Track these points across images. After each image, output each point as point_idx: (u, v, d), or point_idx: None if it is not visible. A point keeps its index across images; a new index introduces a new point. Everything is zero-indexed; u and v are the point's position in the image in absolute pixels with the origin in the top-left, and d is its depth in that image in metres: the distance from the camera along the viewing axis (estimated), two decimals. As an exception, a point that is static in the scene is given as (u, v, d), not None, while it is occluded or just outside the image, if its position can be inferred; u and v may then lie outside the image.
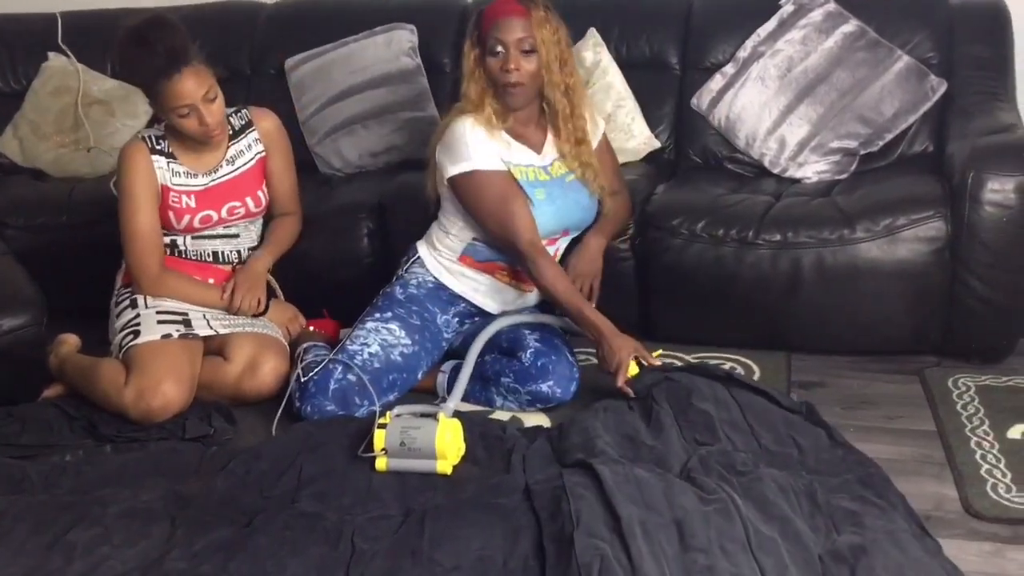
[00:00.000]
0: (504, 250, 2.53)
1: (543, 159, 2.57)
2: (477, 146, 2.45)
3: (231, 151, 2.63)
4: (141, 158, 2.52)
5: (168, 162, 2.54)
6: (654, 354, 2.42)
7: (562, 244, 2.65)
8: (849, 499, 1.95)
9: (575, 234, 2.66)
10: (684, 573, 1.70)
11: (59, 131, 3.53)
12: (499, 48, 2.41)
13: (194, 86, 2.40)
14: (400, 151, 3.33)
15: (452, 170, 2.47)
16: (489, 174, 2.46)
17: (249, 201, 2.65)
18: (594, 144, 2.63)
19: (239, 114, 2.67)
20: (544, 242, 2.53)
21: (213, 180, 2.60)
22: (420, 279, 2.60)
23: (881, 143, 3.02)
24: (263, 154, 2.68)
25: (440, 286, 2.60)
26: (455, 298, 2.61)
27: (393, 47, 3.40)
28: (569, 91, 2.51)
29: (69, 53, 3.60)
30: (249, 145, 2.66)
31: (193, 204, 2.57)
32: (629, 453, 2.10)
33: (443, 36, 3.46)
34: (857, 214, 2.65)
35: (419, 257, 2.62)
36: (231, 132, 2.63)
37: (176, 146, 2.55)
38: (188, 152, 2.57)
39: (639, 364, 2.38)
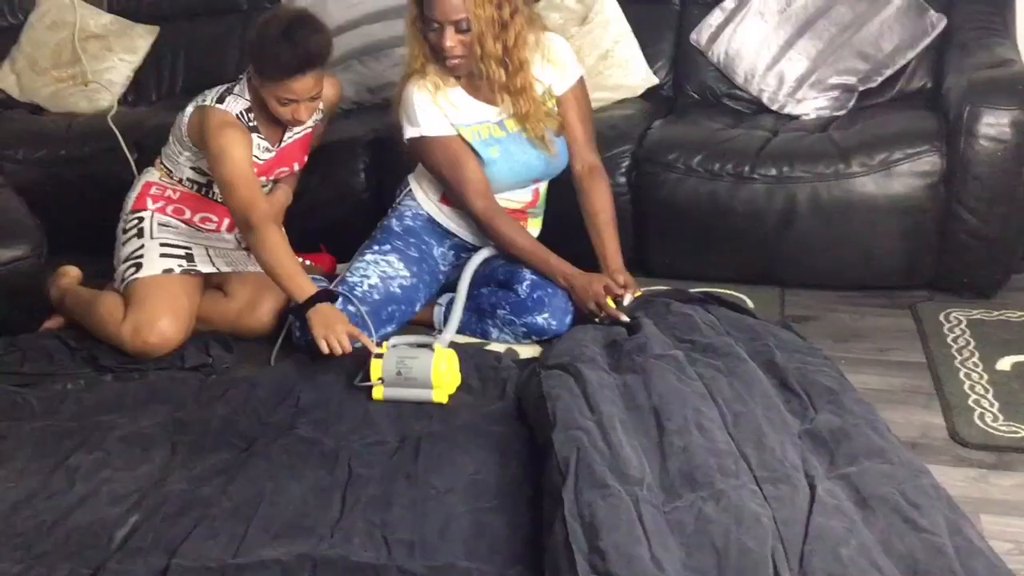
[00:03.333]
0: (463, 209, 2.53)
1: (499, 114, 2.51)
2: (423, 112, 2.44)
3: None
4: (245, 140, 2.44)
5: (256, 138, 2.53)
6: (635, 294, 2.46)
7: (540, 188, 2.62)
8: (827, 378, 2.01)
9: (548, 179, 2.62)
10: (661, 457, 1.75)
11: (56, 66, 3.52)
12: (435, 25, 2.34)
13: (309, 88, 2.39)
14: (396, 87, 3.31)
15: (405, 134, 2.48)
16: (437, 140, 2.45)
17: (296, 165, 2.68)
18: (562, 90, 2.53)
19: None
20: (512, 192, 2.54)
21: (277, 150, 2.61)
22: (414, 211, 2.62)
23: (880, 79, 3.01)
24: (320, 120, 2.69)
25: (434, 220, 2.61)
26: (449, 231, 2.62)
27: (390, -19, 3.37)
28: (508, 56, 2.38)
29: (65, -13, 3.59)
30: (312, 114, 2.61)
31: (255, 171, 2.56)
32: (613, 354, 2.16)
33: (441, -30, 3.42)
34: (853, 149, 2.66)
35: (411, 190, 2.64)
36: None
37: (259, 118, 2.53)
38: (267, 124, 2.55)
39: (613, 301, 2.41)
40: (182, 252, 2.57)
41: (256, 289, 2.56)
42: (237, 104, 2.49)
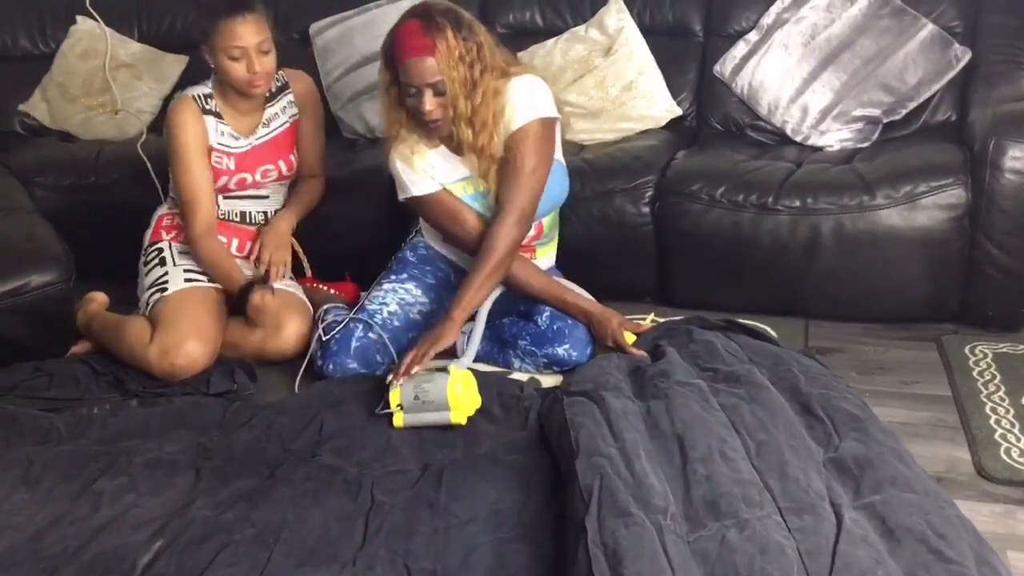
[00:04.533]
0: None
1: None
2: (407, 176, 2.45)
3: (267, 114, 2.66)
4: (192, 116, 2.55)
5: (216, 123, 2.58)
6: (647, 319, 2.47)
7: (543, 221, 2.59)
8: (851, 405, 2.00)
9: (547, 216, 2.60)
10: (685, 486, 1.75)
11: (87, 94, 3.56)
12: (412, 90, 2.33)
13: (252, 32, 2.45)
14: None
15: (400, 195, 2.51)
16: (427, 199, 2.47)
17: (282, 164, 2.69)
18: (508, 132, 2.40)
19: (274, 76, 2.69)
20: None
21: (251, 144, 2.63)
22: (427, 244, 2.64)
23: (904, 111, 3.01)
24: (296, 116, 2.71)
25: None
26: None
27: (416, 13, 3.40)
28: (474, 115, 2.34)
29: (97, 17, 3.63)
30: (284, 108, 2.69)
31: (232, 166, 2.60)
32: (637, 381, 2.17)
33: (466, 3, 3.39)
34: (877, 181, 2.65)
35: (419, 227, 2.67)
36: (267, 94, 2.66)
37: (223, 106, 2.59)
38: (233, 113, 2.60)
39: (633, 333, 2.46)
40: (205, 278, 2.61)
41: (280, 310, 2.58)
42: (197, 89, 2.59)
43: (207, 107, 2.57)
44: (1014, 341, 2.60)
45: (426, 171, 2.45)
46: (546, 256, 2.67)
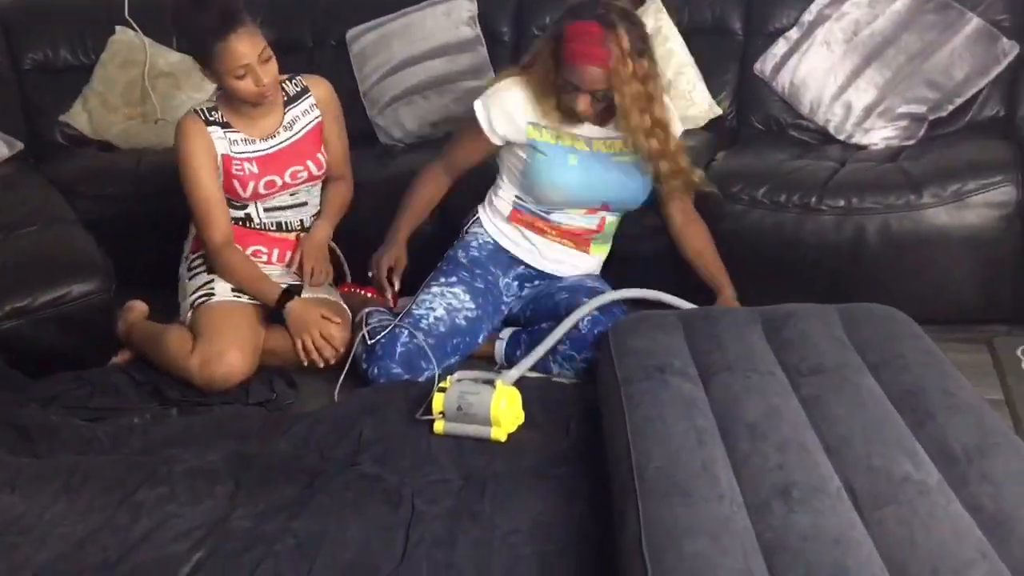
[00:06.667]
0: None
1: (593, 131, 2.52)
2: (502, 109, 2.48)
3: (288, 116, 2.65)
4: (196, 130, 2.54)
5: (224, 131, 2.57)
6: None
7: (608, 217, 2.62)
8: (967, 394, 1.86)
9: (617, 212, 2.63)
10: (755, 472, 1.63)
11: (127, 104, 3.59)
12: (572, 87, 2.37)
13: (249, 46, 2.41)
14: (459, 121, 3.33)
15: (475, 104, 2.53)
16: (477, 129, 2.51)
17: (311, 164, 2.67)
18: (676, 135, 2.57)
19: (293, 81, 2.69)
20: (581, 211, 2.56)
21: (273, 146, 2.62)
22: (480, 240, 2.63)
23: (951, 108, 2.94)
24: (320, 119, 2.70)
25: (499, 248, 2.61)
26: (515, 260, 2.62)
27: (453, 17, 3.40)
28: (657, 125, 2.42)
29: (136, 27, 3.66)
30: (305, 111, 2.68)
31: (256, 169, 2.59)
32: (707, 367, 2.02)
33: (503, 5, 3.45)
34: (924, 179, 2.60)
35: (478, 218, 2.65)
36: (286, 98, 2.65)
37: (230, 114, 2.58)
38: (243, 119, 2.59)
39: None
40: (246, 296, 2.61)
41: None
42: (200, 105, 2.59)
43: (211, 118, 2.56)
44: (1068, 342, 2.53)
45: (531, 117, 2.48)
46: (599, 254, 2.68)
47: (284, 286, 2.60)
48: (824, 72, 3.08)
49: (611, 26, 2.30)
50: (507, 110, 2.49)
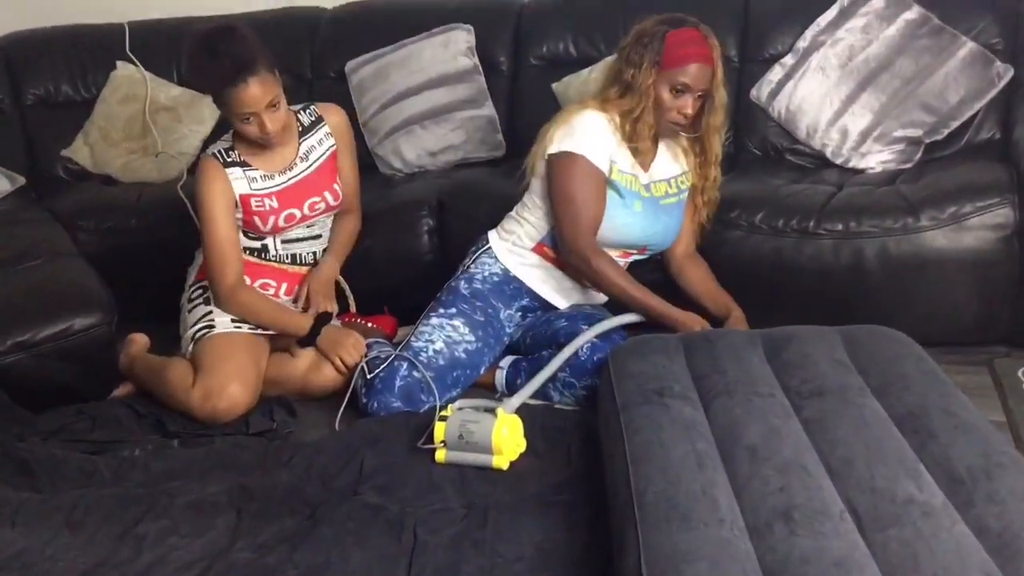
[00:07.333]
0: (560, 243, 2.53)
1: (647, 177, 2.57)
2: (592, 135, 2.47)
3: (303, 147, 2.66)
4: (215, 173, 2.54)
5: (244, 171, 2.56)
6: None
7: (637, 258, 2.65)
8: (969, 415, 1.83)
9: (650, 254, 2.66)
10: (756, 496, 1.62)
11: (128, 137, 3.61)
12: (682, 89, 2.43)
13: (259, 95, 2.41)
14: (458, 150, 3.36)
15: (558, 146, 2.48)
16: (587, 163, 2.46)
17: (328, 195, 2.68)
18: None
19: (307, 111, 2.70)
20: (619, 252, 2.57)
21: (291, 178, 2.62)
22: (486, 272, 2.62)
23: (946, 131, 2.96)
24: (334, 147, 2.71)
25: (506, 279, 2.61)
26: (520, 292, 2.62)
27: (451, 47, 3.42)
28: (720, 129, 2.56)
29: (137, 62, 3.69)
30: (320, 140, 2.69)
31: (276, 204, 2.59)
32: (707, 390, 2.01)
33: (500, 35, 3.48)
34: (922, 202, 2.61)
35: (489, 247, 2.64)
36: (301, 128, 2.66)
37: (246, 152, 2.58)
38: (259, 155, 2.59)
39: None
40: (246, 325, 2.61)
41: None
42: (218, 145, 2.60)
43: (228, 159, 2.56)
44: (1068, 363, 2.53)
45: (609, 148, 2.49)
46: None
47: (317, 312, 2.62)
48: (820, 97, 3.10)
49: (707, 32, 2.44)
50: (596, 143, 2.48)
